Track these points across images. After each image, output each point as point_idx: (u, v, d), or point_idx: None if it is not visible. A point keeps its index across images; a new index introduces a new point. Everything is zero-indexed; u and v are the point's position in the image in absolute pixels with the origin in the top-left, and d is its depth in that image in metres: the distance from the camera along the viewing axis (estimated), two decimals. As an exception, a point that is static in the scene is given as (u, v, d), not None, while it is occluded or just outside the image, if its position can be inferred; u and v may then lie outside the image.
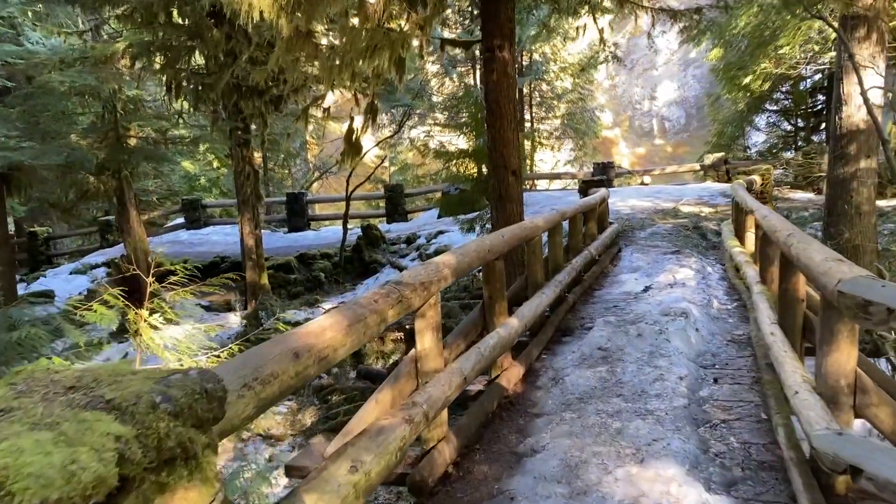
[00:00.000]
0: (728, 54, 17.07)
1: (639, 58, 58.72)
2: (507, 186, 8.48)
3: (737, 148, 20.00)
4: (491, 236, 4.87)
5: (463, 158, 12.90)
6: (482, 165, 12.78)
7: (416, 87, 19.85)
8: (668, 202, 15.57)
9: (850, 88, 8.97)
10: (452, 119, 18.63)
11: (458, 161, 12.98)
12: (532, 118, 22.86)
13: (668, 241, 11.35)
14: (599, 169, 19.29)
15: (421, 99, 20.23)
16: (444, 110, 19.44)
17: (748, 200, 7.43)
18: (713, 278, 8.61)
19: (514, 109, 8.44)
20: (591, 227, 9.49)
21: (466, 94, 13.22)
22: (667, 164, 36.25)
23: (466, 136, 13.39)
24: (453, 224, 14.00)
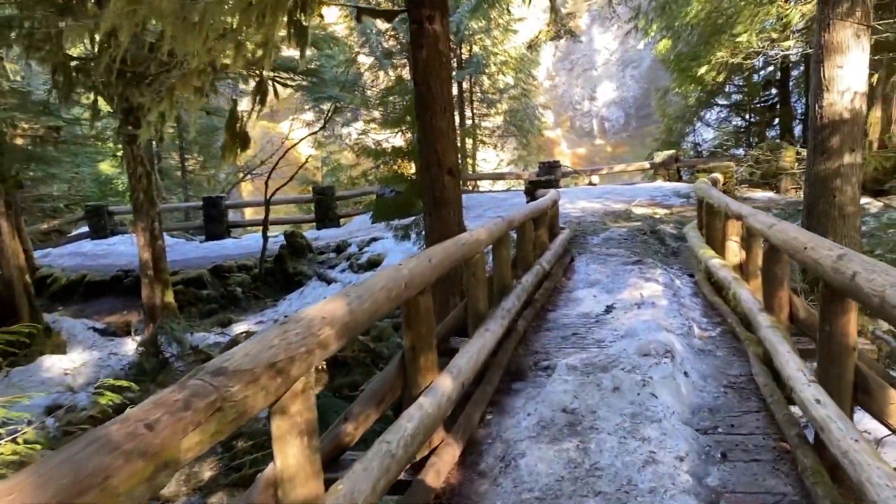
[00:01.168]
0: (678, 45, 16.08)
1: (578, 59, 58.73)
2: (442, 188, 7.03)
3: (686, 145, 19.08)
4: (412, 262, 3.40)
5: (397, 157, 11.40)
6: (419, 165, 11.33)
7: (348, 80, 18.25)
8: (619, 203, 14.40)
9: (833, 72, 7.84)
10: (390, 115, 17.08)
11: (392, 160, 11.47)
12: (473, 115, 21.52)
13: (625, 248, 10.09)
14: (545, 168, 18.06)
15: (353, 93, 18.63)
16: (380, 106, 17.88)
17: (731, 204, 6.17)
18: (685, 294, 7.33)
19: (448, 95, 6.99)
20: (542, 234, 8.12)
21: (397, 84, 11.71)
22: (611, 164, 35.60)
23: (403, 134, 11.91)
24: (388, 230, 12.49)
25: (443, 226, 7.06)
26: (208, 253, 16.75)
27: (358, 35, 20.12)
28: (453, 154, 7.10)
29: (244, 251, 16.09)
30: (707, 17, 14.17)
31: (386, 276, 2.96)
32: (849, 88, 7.81)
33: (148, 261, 10.77)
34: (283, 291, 14.18)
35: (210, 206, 17.75)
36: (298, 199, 19.10)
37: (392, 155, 11.46)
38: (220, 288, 14.00)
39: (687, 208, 13.72)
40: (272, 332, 2.11)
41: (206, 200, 17.96)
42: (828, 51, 7.87)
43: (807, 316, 4.35)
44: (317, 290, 13.74)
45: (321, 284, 13.85)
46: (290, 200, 19.08)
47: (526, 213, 6.61)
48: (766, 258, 4.41)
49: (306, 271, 14.22)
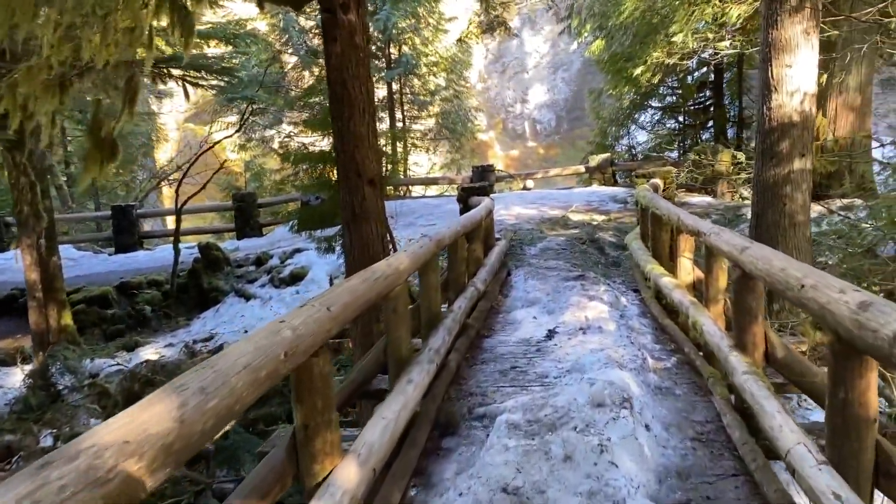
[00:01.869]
0: (612, 45, 15.65)
1: (510, 61, 58.79)
2: (362, 200, 6.18)
3: (620, 148, 18.75)
4: (301, 315, 2.54)
5: (320, 162, 10.46)
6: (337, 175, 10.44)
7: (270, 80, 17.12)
8: (555, 209, 13.84)
9: (781, 72, 7.35)
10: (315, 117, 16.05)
11: (314, 165, 10.52)
12: (404, 117, 20.67)
13: (564, 260, 9.44)
14: (479, 173, 17.38)
15: (275, 93, 17.52)
16: (305, 107, 16.83)
17: (685, 218, 5.53)
18: (632, 314, 6.68)
19: (368, 95, 6.14)
20: (477, 249, 7.36)
21: (319, 84, 10.75)
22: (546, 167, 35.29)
23: (328, 137, 10.98)
24: (312, 241, 11.54)
25: (364, 243, 6.22)
26: (117, 267, 15.39)
27: (280, 32, 19.02)
28: (375, 162, 6.26)
29: (157, 265, 14.80)
30: (642, 16, 13.76)
31: (255, 346, 2.09)
32: (798, 89, 7.34)
33: (36, 281, 9.52)
34: (198, 309, 13.03)
35: (119, 215, 16.34)
36: (215, 208, 17.84)
37: (314, 159, 10.51)
38: (127, 307, 12.73)
39: (625, 214, 13.25)
40: (14, 489, 1.22)
41: (115, 209, 16.51)
42: (776, 49, 7.38)
43: (785, 355, 3.70)
44: (234, 306, 12.65)
45: (239, 301, 12.76)
46: (205, 209, 17.79)
47: (457, 230, 5.82)
48: (739, 288, 3.74)
49: (223, 286, 13.09)
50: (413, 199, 17.33)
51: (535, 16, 58.66)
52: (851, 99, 12.65)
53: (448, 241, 5.41)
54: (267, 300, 12.34)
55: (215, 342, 11.37)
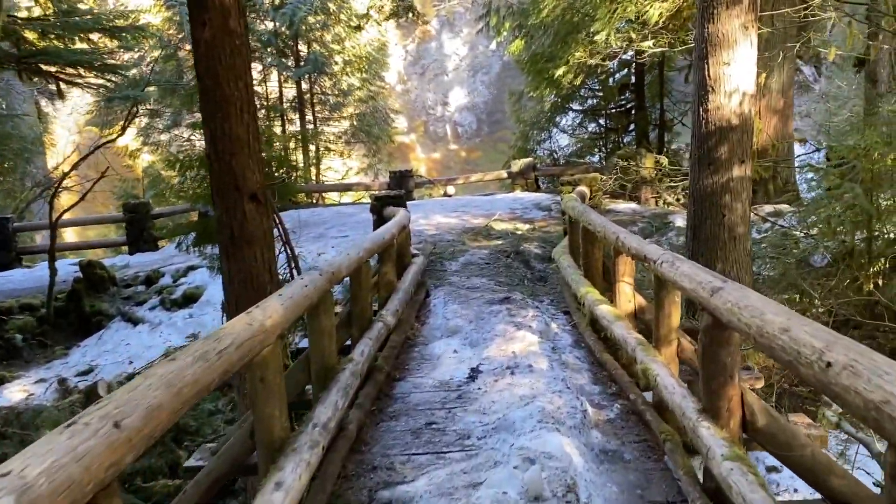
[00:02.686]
0: (532, 45, 14.99)
1: (429, 63, 58.28)
2: (243, 220, 5.09)
3: (542, 152, 18.15)
4: (56, 447, 1.50)
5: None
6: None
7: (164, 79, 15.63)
8: (478, 218, 13.00)
9: (719, 70, 6.70)
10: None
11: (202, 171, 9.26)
12: (315, 119, 19.45)
13: (488, 277, 8.58)
14: (396, 179, 16.39)
15: (173, 94, 16.00)
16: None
17: (626, 239, 4.72)
18: (565, 344, 5.86)
19: (247, 90, 5.06)
20: (388, 272, 6.38)
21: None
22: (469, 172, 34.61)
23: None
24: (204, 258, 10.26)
25: (246, 274, 5.14)
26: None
27: (178, 27, 17.46)
28: (258, 172, 5.19)
29: (36, 285, 13.08)
30: (562, 14, 13.12)
31: None
32: (737, 89, 6.71)
33: None
34: (79, 336, 11.48)
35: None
36: (105, 219, 16.10)
37: (204, 166, 9.25)
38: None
39: (549, 222, 12.55)
40: None
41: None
42: (713, 45, 6.72)
43: (767, 423, 2.89)
44: (120, 333, 11.20)
45: (125, 326, 11.32)
46: (92, 221, 16.07)
47: (359, 255, 4.82)
48: (710, 340, 2.91)
49: (108, 310, 11.60)
50: (326, 208, 16.18)
51: (454, 18, 58.42)
52: (774, 101, 12.37)
53: (346, 271, 4.41)
54: (156, 325, 10.97)
55: (95, 375, 9.95)
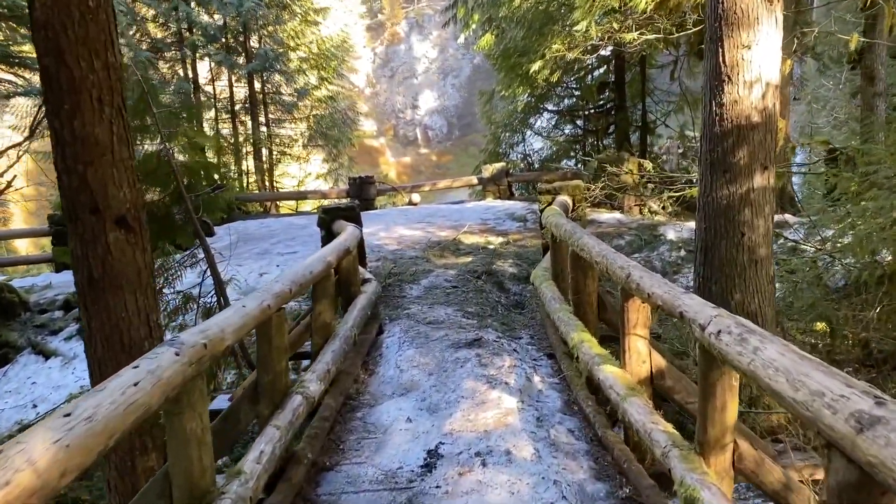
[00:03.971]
0: (504, 38, 13.66)
1: (399, 66, 57.12)
2: (105, 255, 3.64)
3: (515, 156, 16.82)
4: None
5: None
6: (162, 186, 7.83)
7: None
8: (445, 230, 11.61)
9: (737, 55, 5.39)
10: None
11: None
12: (268, 120, 17.88)
13: (455, 306, 7.18)
14: (357, 185, 14.94)
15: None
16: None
17: (641, 279, 3.35)
18: (552, 409, 4.48)
19: (110, 74, 3.60)
20: (323, 312, 4.94)
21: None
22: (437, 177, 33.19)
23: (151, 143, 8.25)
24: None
25: (112, 328, 3.69)
26: None
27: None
28: (128, 188, 3.72)
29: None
30: (537, 3, 11.79)
31: None
32: (759, 78, 5.40)
33: None
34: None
35: None
36: (27, 233, 14.32)
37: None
38: None
39: (525, 235, 11.20)
40: None
41: None
42: (729, 24, 5.41)
43: None
44: (28, 367, 9.58)
45: (36, 360, 9.70)
46: (13, 235, 14.34)
47: (263, 306, 3.36)
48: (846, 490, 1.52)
49: (16, 340, 9.96)
50: (277, 218, 14.65)
51: (423, 20, 57.32)
52: (771, 100, 11.18)
53: (236, 336, 2.96)
54: (70, 359, 9.37)
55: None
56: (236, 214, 15.05)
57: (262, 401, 3.63)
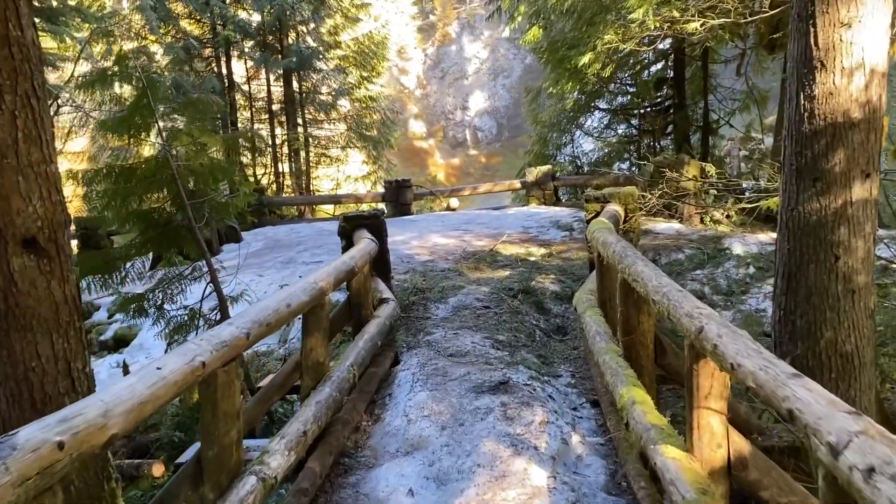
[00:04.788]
0: (552, 31, 12.63)
1: (449, 67, 56.34)
2: (9, 288, 2.81)
3: (563, 158, 15.72)
4: None
5: (126, 180, 7.01)
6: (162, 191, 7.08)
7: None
8: (482, 239, 10.66)
9: (834, 35, 4.29)
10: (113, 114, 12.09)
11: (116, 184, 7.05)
12: (305, 121, 17.21)
13: (484, 332, 6.22)
14: (393, 189, 14.12)
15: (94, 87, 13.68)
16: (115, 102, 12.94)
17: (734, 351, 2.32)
18: (591, 487, 3.51)
19: (12, 52, 2.77)
20: (316, 348, 4.07)
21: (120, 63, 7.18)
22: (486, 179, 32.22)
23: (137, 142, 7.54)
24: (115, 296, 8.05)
25: (20, 379, 2.86)
26: None
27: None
28: (39, 201, 2.88)
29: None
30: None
31: None
32: (861, 64, 4.28)
33: None
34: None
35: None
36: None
37: (122, 177, 7.03)
38: None
39: (570, 246, 10.17)
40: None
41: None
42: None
43: None
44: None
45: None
46: None
47: (193, 365, 2.47)
48: None
49: (25, 353, 9.44)
50: (311, 223, 13.91)
51: (475, 21, 56.43)
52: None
53: (122, 426, 2.07)
54: (76, 376, 8.75)
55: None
56: (267, 219, 14.40)
57: (207, 482, 2.76)
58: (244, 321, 2.97)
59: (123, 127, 6.98)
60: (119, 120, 7.08)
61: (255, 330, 3.01)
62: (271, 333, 3.67)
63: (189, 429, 5.52)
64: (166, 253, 7.59)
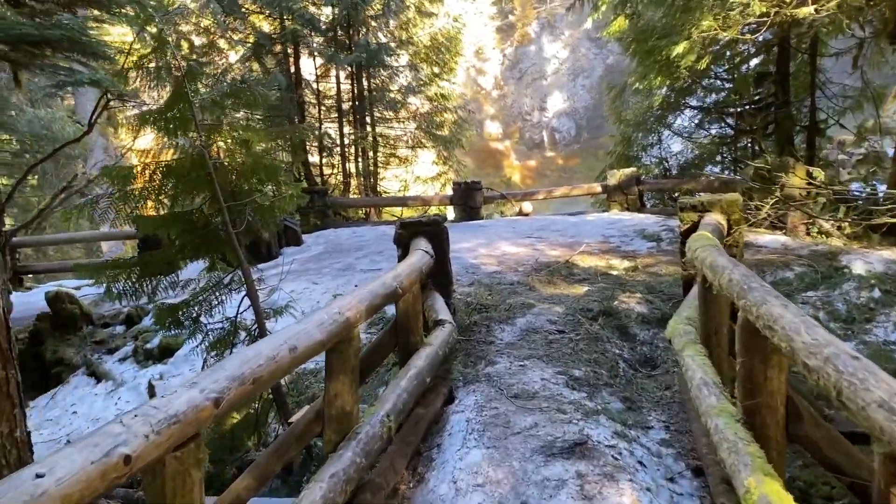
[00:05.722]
0: (640, 21, 11.46)
1: (528, 67, 55.18)
2: None
3: (649, 160, 14.42)
4: None
5: (168, 179, 6.39)
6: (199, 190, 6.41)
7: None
8: (557, 247, 9.64)
9: None
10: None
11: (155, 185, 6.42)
12: (373, 120, 16.53)
13: (558, 365, 5.24)
14: (461, 192, 13.24)
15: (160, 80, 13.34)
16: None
17: None
18: None
19: None
20: (341, 395, 3.21)
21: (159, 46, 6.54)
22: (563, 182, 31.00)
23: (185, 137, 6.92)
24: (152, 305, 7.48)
25: None
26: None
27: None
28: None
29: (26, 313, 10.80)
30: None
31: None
32: None
33: None
34: (35, 390, 8.98)
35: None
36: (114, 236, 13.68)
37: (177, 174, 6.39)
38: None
39: (658, 259, 9.01)
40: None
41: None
42: None
43: None
44: (77, 392, 8.58)
45: (88, 382, 8.70)
46: (93, 237, 13.78)
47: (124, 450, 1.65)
48: None
49: (72, 358, 9.05)
50: (372, 227, 13.18)
51: (555, 20, 55.05)
52: None
53: None
54: (117, 386, 8.26)
55: (16, 461, 7.33)
56: (331, 221, 13.78)
57: None
58: (216, 378, 2.12)
59: (162, 120, 6.35)
60: (157, 112, 6.45)
61: (234, 392, 2.15)
62: (263, 390, 2.83)
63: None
64: (205, 258, 6.95)
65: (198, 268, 7.17)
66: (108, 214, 6.10)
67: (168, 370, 8.33)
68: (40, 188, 17.91)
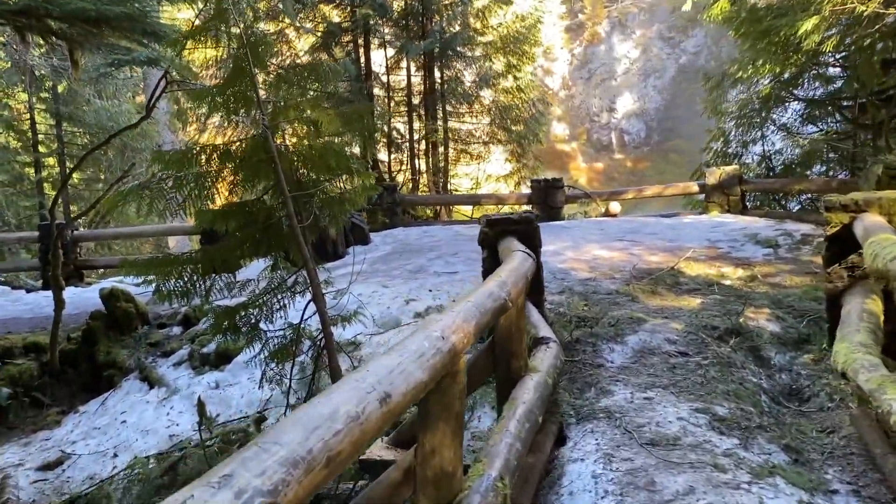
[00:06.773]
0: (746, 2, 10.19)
1: (597, 67, 53.62)
2: None
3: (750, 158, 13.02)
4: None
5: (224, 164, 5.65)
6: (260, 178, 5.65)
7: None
8: (656, 252, 8.53)
9: None
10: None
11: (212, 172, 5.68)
12: (445, 114, 15.65)
13: (692, 399, 4.19)
14: (541, 189, 12.22)
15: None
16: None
17: None
18: None
19: None
20: (440, 450, 2.27)
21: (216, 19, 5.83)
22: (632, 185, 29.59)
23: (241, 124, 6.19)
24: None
25: None
26: (25, 311, 11.18)
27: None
28: None
29: (79, 310, 10.34)
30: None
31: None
32: None
33: None
34: (87, 393, 8.42)
35: (47, 237, 12.05)
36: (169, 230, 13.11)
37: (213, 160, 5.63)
38: (-25, 387, 8.25)
39: (779, 268, 7.80)
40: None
41: (43, 229, 12.28)
42: None
43: None
44: (129, 398, 7.92)
45: (141, 387, 8.04)
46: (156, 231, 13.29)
47: None
48: None
49: (124, 360, 8.42)
50: (443, 226, 12.28)
51: (626, 20, 53.31)
52: None
53: None
54: (171, 393, 7.57)
55: (59, 474, 6.74)
56: (400, 219, 12.96)
57: None
58: (264, 466, 1.20)
59: (220, 98, 5.59)
60: (215, 88, 5.69)
61: (295, 486, 1.23)
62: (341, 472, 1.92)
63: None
64: (266, 256, 6.18)
65: (258, 267, 6.41)
66: (156, 204, 5.38)
67: (225, 378, 7.60)
68: (107, 183, 17.73)
